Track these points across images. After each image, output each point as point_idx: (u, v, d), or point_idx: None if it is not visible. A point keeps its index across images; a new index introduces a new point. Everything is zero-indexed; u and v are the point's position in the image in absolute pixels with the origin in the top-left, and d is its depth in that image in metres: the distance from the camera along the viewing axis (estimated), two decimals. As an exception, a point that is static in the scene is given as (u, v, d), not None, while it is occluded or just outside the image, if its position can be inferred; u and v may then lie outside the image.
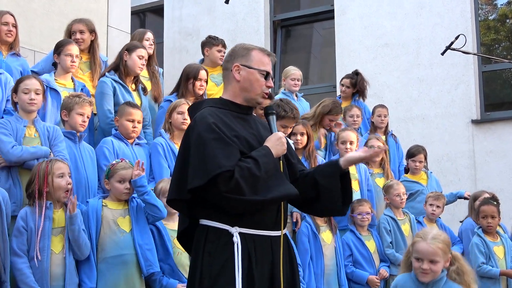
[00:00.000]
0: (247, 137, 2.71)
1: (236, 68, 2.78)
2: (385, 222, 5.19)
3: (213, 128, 2.61)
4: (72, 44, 4.85)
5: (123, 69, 4.93)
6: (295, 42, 9.99)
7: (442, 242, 3.07)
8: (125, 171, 3.89)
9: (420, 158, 6.02)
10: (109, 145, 4.35)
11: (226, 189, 2.51)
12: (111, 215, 3.83)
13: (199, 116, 2.69)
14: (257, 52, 2.81)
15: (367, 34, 8.72)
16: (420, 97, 8.29)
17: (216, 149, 2.55)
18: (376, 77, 8.46)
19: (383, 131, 6.48)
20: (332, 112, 5.74)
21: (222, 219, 2.61)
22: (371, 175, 5.61)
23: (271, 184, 2.61)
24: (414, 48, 8.41)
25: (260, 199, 2.56)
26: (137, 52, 4.98)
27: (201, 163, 2.55)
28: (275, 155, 2.69)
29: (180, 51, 9.94)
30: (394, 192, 5.26)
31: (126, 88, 4.93)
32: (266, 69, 2.79)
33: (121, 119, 4.47)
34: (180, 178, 2.66)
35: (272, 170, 2.64)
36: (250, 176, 2.55)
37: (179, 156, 2.73)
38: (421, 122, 8.22)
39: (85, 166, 4.17)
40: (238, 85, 2.79)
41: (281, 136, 2.75)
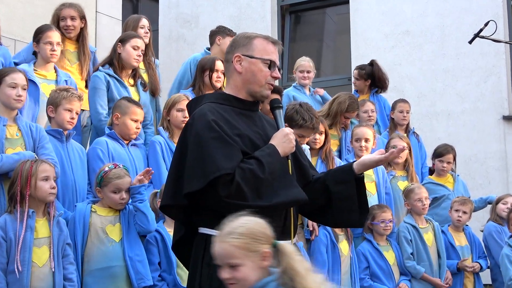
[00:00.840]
0: (251, 136, 2.72)
1: (237, 59, 2.79)
2: (405, 230, 5.18)
3: (212, 126, 2.61)
4: (52, 30, 4.84)
5: (117, 62, 4.97)
6: (305, 29, 9.98)
7: (241, 236, 2.35)
8: (121, 181, 3.89)
9: (448, 158, 6.02)
10: (103, 146, 4.37)
11: (226, 193, 2.52)
12: (100, 222, 3.85)
13: (198, 112, 2.70)
14: (260, 40, 2.82)
15: (386, 20, 8.71)
16: (445, 90, 8.27)
17: (215, 149, 2.56)
18: (396, 69, 8.45)
19: (404, 128, 6.48)
20: (349, 109, 5.74)
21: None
22: (394, 178, 5.61)
23: (277, 187, 2.61)
24: (439, 36, 8.39)
25: (264, 205, 2.56)
26: (131, 42, 5.01)
27: (199, 165, 2.56)
28: (282, 154, 2.69)
29: (177, 40, 9.95)
30: (415, 196, 5.26)
31: (122, 83, 4.97)
32: (270, 58, 2.79)
33: (124, 118, 4.47)
34: (175, 181, 2.67)
35: (278, 171, 2.64)
36: (253, 178, 2.56)
37: (175, 157, 2.74)
38: (446, 118, 8.20)
39: (72, 168, 4.18)
40: (240, 77, 2.80)
41: (289, 132, 2.74)
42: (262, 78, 2.78)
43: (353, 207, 2.79)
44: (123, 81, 4.99)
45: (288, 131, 2.75)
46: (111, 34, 7.61)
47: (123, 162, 4.23)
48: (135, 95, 5.05)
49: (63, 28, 5.26)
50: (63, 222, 3.72)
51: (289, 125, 4.21)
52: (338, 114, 5.72)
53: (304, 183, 2.86)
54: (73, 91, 4.33)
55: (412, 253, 5.16)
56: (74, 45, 5.35)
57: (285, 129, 2.76)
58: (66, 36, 5.27)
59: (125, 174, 3.92)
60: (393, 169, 5.67)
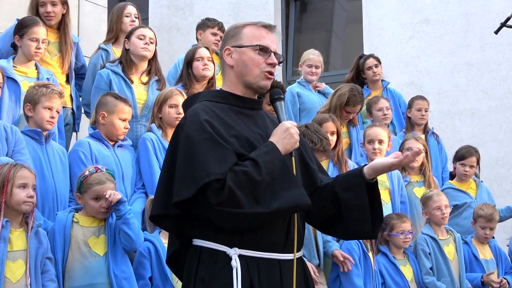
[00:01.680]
0: (250, 137, 2.70)
1: (227, 52, 2.81)
2: (424, 243, 5.17)
3: (204, 127, 2.61)
4: (39, 25, 4.86)
5: (125, 60, 5.12)
6: (312, 18, 9.99)
7: None
8: (101, 187, 3.86)
9: (471, 161, 6.01)
10: (85, 148, 4.37)
11: (218, 201, 2.50)
12: (82, 234, 3.84)
13: (190, 112, 2.70)
14: (250, 27, 2.81)
15: (403, 8, 8.72)
16: (468, 86, 8.28)
17: (206, 152, 2.55)
18: (414, 62, 8.46)
19: (422, 128, 6.48)
20: (350, 102, 5.75)
21: (218, 239, 2.60)
22: (409, 184, 5.60)
23: (277, 189, 2.59)
24: (462, 25, 8.39)
25: (261, 212, 2.53)
26: (135, 34, 5.15)
27: (189, 170, 2.55)
28: (283, 151, 2.65)
29: (169, 29, 9.96)
30: (433, 204, 5.25)
31: (127, 82, 5.07)
32: (261, 43, 2.76)
33: (111, 117, 4.47)
34: (166, 188, 2.66)
35: (278, 171, 2.61)
36: (248, 182, 2.53)
37: (166, 161, 2.74)
38: (470, 117, 8.20)
39: (53, 172, 4.18)
40: (233, 71, 2.80)
41: (290, 126, 2.70)
42: (255, 66, 2.75)
43: (364, 216, 2.76)
44: (128, 79, 5.08)
45: (290, 124, 2.71)
46: (96, 23, 7.62)
47: (108, 166, 4.23)
48: (142, 95, 5.12)
49: (43, 14, 5.28)
50: (43, 234, 3.71)
51: None
52: (338, 108, 5.73)
53: (312, 190, 2.83)
54: (53, 87, 4.33)
55: (431, 267, 5.15)
56: (55, 34, 5.37)
57: (285, 123, 2.72)
58: (46, 24, 5.26)
59: (107, 180, 3.90)
60: (408, 174, 5.66)
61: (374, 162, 2.80)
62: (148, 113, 5.08)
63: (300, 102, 6.36)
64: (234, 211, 2.51)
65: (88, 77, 5.56)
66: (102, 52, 5.61)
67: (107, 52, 5.59)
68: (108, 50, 5.60)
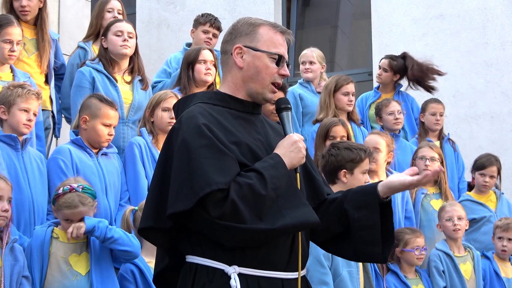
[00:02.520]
0: (251, 144, 2.71)
1: (237, 51, 2.79)
2: (437, 259, 5.19)
3: (203, 132, 2.60)
4: (13, 25, 4.87)
5: (104, 59, 5.12)
6: (316, 12, 10.01)
7: None
8: (70, 212, 3.84)
9: (492, 171, 6.03)
10: (65, 156, 4.36)
11: (219, 214, 2.50)
12: (62, 250, 3.84)
13: (186, 115, 2.69)
14: (267, 28, 2.81)
15: (415, 2, 8.74)
16: (488, 88, 8.29)
17: (205, 160, 2.55)
18: (428, 61, 8.48)
19: (437, 134, 6.50)
20: (339, 84, 5.88)
21: (216, 255, 2.60)
22: (426, 196, 5.63)
23: (282, 207, 2.60)
24: (480, 21, 8.42)
25: (266, 228, 2.54)
26: (111, 30, 5.16)
27: (186, 179, 2.55)
28: (289, 166, 2.68)
29: (158, 25, 9.98)
30: (445, 215, 5.28)
31: (111, 80, 5.08)
32: (279, 52, 2.78)
33: (94, 122, 4.45)
34: (158, 198, 2.66)
35: (284, 187, 2.62)
36: (252, 196, 2.54)
37: (158, 169, 2.74)
38: (489, 122, 8.21)
39: (30, 182, 4.18)
40: (241, 73, 2.79)
41: (297, 140, 2.73)
42: (267, 76, 2.76)
43: (374, 238, 2.76)
44: (112, 77, 5.08)
45: (297, 137, 2.73)
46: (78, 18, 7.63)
47: (90, 176, 4.23)
48: (128, 95, 5.13)
49: (18, 9, 5.29)
50: (19, 250, 3.71)
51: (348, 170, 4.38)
52: (327, 98, 5.85)
53: (317, 203, 2.85)
54: (29, 88, 4.33)
55: (445, 287, 5.15)
56: (31, 30, 5.37)
57: (293, 136, 2.74)
58: (22, 19, 5.29)
59: (79, 203, 3.85)
60: (423, 186, 5.67)
61: (390, 179, 2.82)
62: (135, 114, 5.10)
63: (303, 105, 6.39)
64: (236, 226, 2.51)
65: (66, 78, 5.57)
66: (80, 51, 5.62)
67: (85, 51, 5.59)
68: (86, 48, 5.60)
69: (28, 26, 5.34)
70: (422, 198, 5.60)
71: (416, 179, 2.73)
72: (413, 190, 5.61)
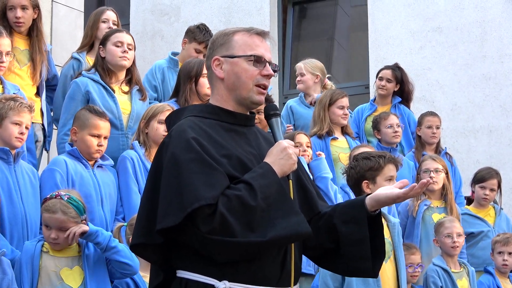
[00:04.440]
0: (242, 157, 2.71)
1: (216, 63, 2.82)
2: (435, 275, 5.19)
3: (192, 146, 2.61)
4: (2, 36, 4.88)
5: (101, 69, 5.10)
6: (313, 24, 10.04)
7: None
8: (48, 216, 3.82)
9: (492, 184, 6.06)
10: (61, 168, 4.37)
11: (208, 229, 2.51)
12: (53, 264, 3.83)
13: (176, 129, 2.71)
14: (241, 34, 2.82)
15: (413, 14, 8.78)
16: (486, 101, 8.32)
17: (194, 174, 2.56)
18: (425, 74, 8.51)
19: (433, 148, 6.53)
20: (334, 97, 5.96)
21: (206, 270, 2.60)
22: (428, 208, 5.65)
23: (273, 216, 2.58)
24: (478, 34, 8.46)
25: (257, 241, 2.54)
26: (111, 40, 5.14)
27: (174, 194, 2.56)
28: (280, 174, 2.66)
29: (152, 36, 10.00)
30: (444, 231, 5.29)
31: (108, 90, 5.06)
32: (255, 53, 2.78)
33: (82, 133, 4.48)
34: (148, 214, 2.67)
35: (275, 195, 2.61)
36: (242, 207, 2.54)
37: (148, 184, 2.75)
38: (487, 136, 8.24)
39: (22, 196, 4.19)
40: (224, 84, 2.81)
41: (287, 146, 2.71)
42: (248, 79, 2.77)
43: (365, 253, 2.77)
44: (109, 87, 5.08)
45: (287, 144, 2.72)
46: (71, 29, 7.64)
47: (86, 187, 4.26)
48: (126, 105, 5.13)
49: (12, 20, 5.29)
50: (7, 263, 3.71)
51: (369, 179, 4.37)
52: (321, 112, 5.94)
53: (311, 216, 2.85)
54: (21, 101, 4.34)
55: (444, 303, 5.17)
56: (24, 41, 5.39)
57: (282, 142, 2.72)
58: (16, 30, 5.31)
59: (58, 210, 3.83)
60: (427, 198, 5.71)
61: (378, 192, 2.81)
62: (134, 125, 5.10)
63: (295, 118, 6.46)
64: (227, 240, 2.51)
65: (59, 89, 5.55)
66: (73, 62, 5.59)
67: (79, 62, 5.57)
68: (80, 59, 5.59)
69: (21, 37, 5.36)
70: (424, 210, 5.61)
71: (402, 192, 2.73)
72: (417, 202, 5.63)
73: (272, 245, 2.61)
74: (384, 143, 6.26)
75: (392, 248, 4.41)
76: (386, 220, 4.47)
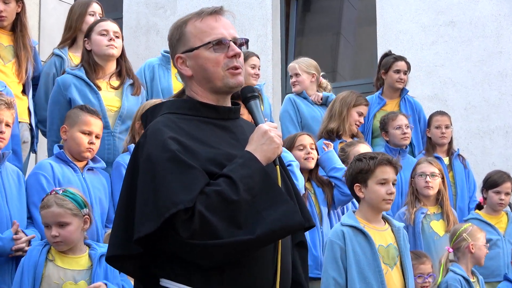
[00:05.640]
0: (227, 154, 2.65)
1: (179, 61, 2.79)
2: (458, 284, 5.13)
3: (168, 145, 2.56)
4: None
5: (87, 64, 5.11)
6: (317, 18, 10.05)
7: None
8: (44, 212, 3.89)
9: (506, 188, 6.03)
10: (47, 172, 4.39)
11: (189, 233, 2.45)
12: (57, 276, 3.83)
13: (152, 128, 2.67)
14: (193, 21, 2.76)
15: (424, 8, 8.78)
16: (502, 100, 8.31)
17: (170, 175, 2.51)
18: (437, 71, 8.51)
19: (445, 150, 6.53)
20: (357, 102, 6.09)
21: (190, 279, 2.55)
22: (426, 216, 5.64)
23: (260, 207, 2.53)
24: (494, 29, 8.45)
25: (244, 239, 2.48)
26: (95, 30, 5.16)
27: (150, 198, 2.51)
28: (264, 161, 2.61)
29: (147, 31, 10.01)
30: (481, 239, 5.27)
31: (92, 87, 5.05)
32: (212, 38, 2.71)
33: (72, 130, 4.50)
34: (125, 222, 2.62)
35: (259, 184, 2.56)
36: (223, 203, 2.48)
37: (123, 190, 2.69)
38: (504, 137, 8.22)
39: (7, 199, 4.20)
40: (194, 80, 2.78)
41: (268, 129, 2.65)
42: (216, 67, 2.71)
43: None
44: (94, 84, 5.07)
45: (268, 127, 2.66)
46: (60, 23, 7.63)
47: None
48: (114, 102, 5.14)
49: None
50: None
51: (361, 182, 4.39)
52: (344, 110, 5.99)
53: None
54: (1, 97, 4.32)
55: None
56: (8, 36, 5.40)
57: (262, 126, 2.67)
58: None
59: (53, 203, 3.87)
60: (423, 205, 5.72)
61: None
62: (123, 124, 5.11)
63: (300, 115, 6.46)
64: (211, 243, 2.46)
65: (40, 89, 5.57)
66: (55, 59, 5.60)
67: (62, 59, 5.57)
68: (63, 56, 5.59)
69: (4, 32, 5.37)
70: (422, 219, 5.61)
71: None
72: (412, 209, 5.64)
73: (263, 243, 2.55)
74: (392, 145, 6.25)
75: (398, 254, 4.41)
76: (390, 225, 4.50)
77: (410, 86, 7.96)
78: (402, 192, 5.98)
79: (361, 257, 4.28)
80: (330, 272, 4.27)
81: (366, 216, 4.43)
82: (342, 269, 4.26)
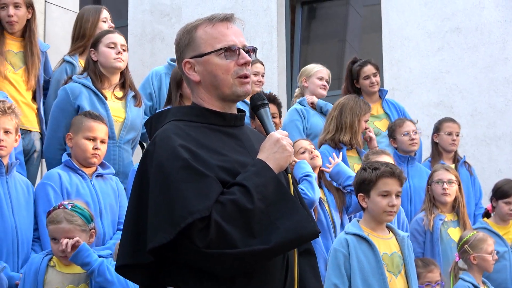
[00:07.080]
0: (236, 161, 2.65)
1: (187, 66, 2.77)
2: None
3: (179, 154, 2.55)
4: None
5: (93, 74, 5.11)
6: (323, 25, 10.05)
7: None
8: (54, 227, 3.88)
9: None
10: (54, 182, 4.38)
11: (205, 243, 2.44)
12: (58, 280, 3.85)
13: (160, 135, 2.65)
14: (203, 27, 2.74)
15: (430, 14, 8.79)
16: (508, 106, 8.30)
17: (184, 184, 2.50)
18: (443, 78, 8.52)
19: (451, 157, 6.55)
20: (366, 110, 6.02)
21: (200, 287, 2.54)
22: (444, 223, 5.64)
23: (274, 216, 2.52)
24: (499, 35, 8.46)
25: (260, 249, 2.46)
26: (103, 42, 5.14)
27: (165, 208, 2.49)
28: (276, 169, 2.61)
29: (152, 39, 10.03)
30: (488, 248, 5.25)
31: (100, 97, 5.06)
32: (224, 44, 2.71)
33: (77, 137, 4.51)
34: (134, 232, 2.62)
35: (273, 193, 2.55)
36: (238, 212, 2.48)
37: (132, 198, 2.68)
38: (510, 143, 8.22)
39: (13, 209, 4.21)
40: (202, 86, 2.76)
41: (280, 137, 2.65)
42: (225, 75, 2.71)
43: None
44: (102, 94, 5.08)
45: (280, 135, 2.65)
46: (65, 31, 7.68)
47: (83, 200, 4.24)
48: (119, 112, 5.14)
49: (4, 19, 5.32)
50: (4, 281, 3.75)
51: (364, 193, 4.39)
52: (356, 122, 5.92)
53: None
54: (6, 104, 4.30)
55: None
56: (18, 42, 5.42)
57: (274, 134, 2.66)
58: (8, 31, 5.35)
59: (63, 219, 3.88)
60: (441, 212, 5.72)
61: None
62: (128, 134, 5.12)
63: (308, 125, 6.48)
64: (227, 253, 2.45)
65: (50, 96, 5.53)
66: (66, 66, 5.55)
67: (73, 66, 5.54)
68: (74, 63, 5.56)
69: (15, 38, 5.39)
70: (440, 225, 5.61)
71: None
72: (430, 216, 5.64)
73: (278, 252, 2.56)
74: (401, 152, 6.27)
75: (403, 262, 4.43)
76: (394, 234, 4.51)
77: (416, 92, 8.04)
78: (411, 200, 6.02)
79: (365, 265, 4.30)
80: (333, 279, 4.27)
81: (370, 225, 4.45)
82: (345, 277, 4.26)
